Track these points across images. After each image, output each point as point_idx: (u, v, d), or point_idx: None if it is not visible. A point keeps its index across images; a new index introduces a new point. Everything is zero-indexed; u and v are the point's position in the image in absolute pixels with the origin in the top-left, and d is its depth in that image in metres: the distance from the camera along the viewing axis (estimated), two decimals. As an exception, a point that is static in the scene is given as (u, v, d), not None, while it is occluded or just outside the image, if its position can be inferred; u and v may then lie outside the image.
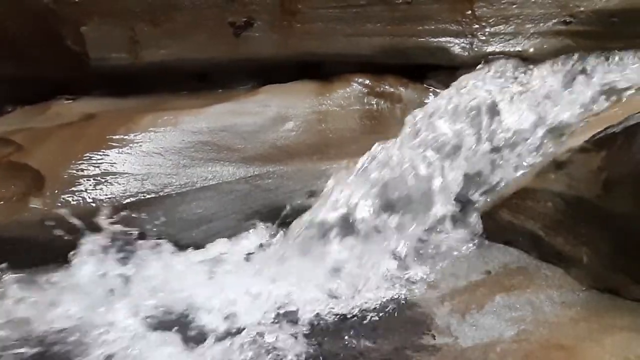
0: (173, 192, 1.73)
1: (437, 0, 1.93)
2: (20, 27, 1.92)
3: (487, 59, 1.94)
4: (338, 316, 1.42)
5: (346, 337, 1.34)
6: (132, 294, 1.52)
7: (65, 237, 1.59)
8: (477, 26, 1.95)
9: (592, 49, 1.90)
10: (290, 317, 1.43)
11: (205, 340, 1.37)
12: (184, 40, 1.94)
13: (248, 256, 1.71)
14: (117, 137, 1.77)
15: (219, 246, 1.75)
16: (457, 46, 1.96)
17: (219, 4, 1.92)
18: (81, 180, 1.68)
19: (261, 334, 1.36)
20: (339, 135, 1.93)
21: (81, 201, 1.65)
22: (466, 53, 1.96)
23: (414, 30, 1.96)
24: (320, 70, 2.06)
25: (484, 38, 1.95)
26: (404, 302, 1.46)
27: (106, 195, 1.68)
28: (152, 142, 1.79)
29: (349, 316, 1.41)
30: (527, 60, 1.92)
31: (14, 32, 1.93)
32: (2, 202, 1.66)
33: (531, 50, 1.93)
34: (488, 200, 1.71)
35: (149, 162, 1.76)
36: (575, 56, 1.91)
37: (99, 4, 1.88)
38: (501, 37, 1.95)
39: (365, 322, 1.39)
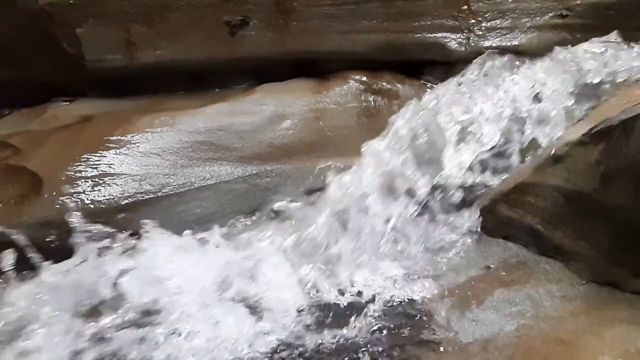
0: (171, 192, 1.73)
1: (433, -5, 1.93)
2: (15, 30, 1.92)
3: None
4: (336, 311, 1.42)
5: (345, 333, 1.34)
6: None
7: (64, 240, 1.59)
8: (473, 21, 1.95)
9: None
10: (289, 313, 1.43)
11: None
12: (179, 40, 1.94)
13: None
14: (115, 138, 1.77)
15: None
16: (453, 41, 1.96)
17: (214, 3, 1.92)
18: (79, 182, 1.68)
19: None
20: (336, 132, 1.93)
21: (79, 203, 1.66)
22: (463, 48, 1.96)
23: (410, 26, 1.96)
24: (316, 68, 2.06)
25: (480, 33, 1.95)
26: (403, 297, 1.46)
27: (104, 196, 1.68)
28: (149, 143, 1.79)
29: (347, 311, 1.41)
30: (523, 54, 1.92)
31: (9, 35, 1.93)
32: (0, 206, 1.66)
33: (528, 44, 1.92)
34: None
35: (147, 163, 1.76)
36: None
37: (94, 6, 1.89)
38: (497, 31, 1.95)
39: (364, 317, 1.39)
